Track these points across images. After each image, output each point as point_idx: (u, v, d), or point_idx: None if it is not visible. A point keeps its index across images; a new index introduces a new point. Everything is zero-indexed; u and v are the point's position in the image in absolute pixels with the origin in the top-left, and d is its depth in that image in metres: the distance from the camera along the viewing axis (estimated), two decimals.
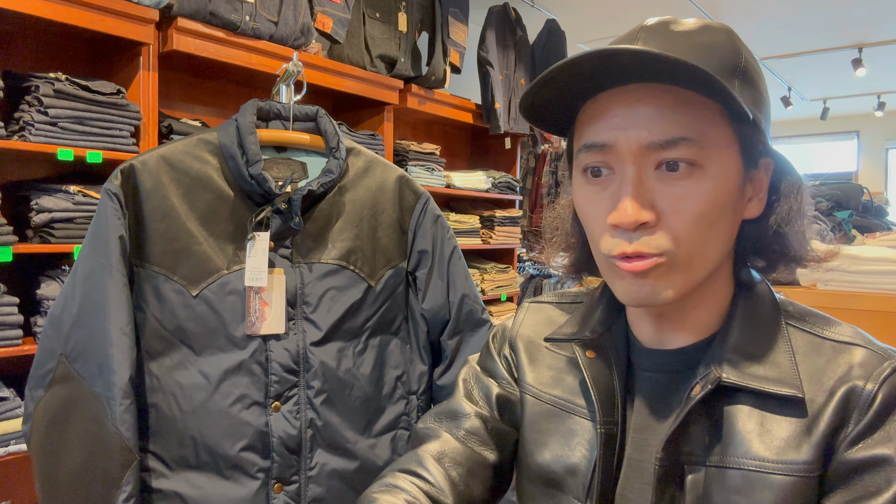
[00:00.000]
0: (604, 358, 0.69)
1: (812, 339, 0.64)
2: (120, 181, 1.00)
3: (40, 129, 1.79)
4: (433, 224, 1.17)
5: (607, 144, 0.60)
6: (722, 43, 0.61)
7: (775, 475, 0.58)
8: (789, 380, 0.60)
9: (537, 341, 0.79)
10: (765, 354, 0.62)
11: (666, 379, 0.67)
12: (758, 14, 4.43)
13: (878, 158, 7.65)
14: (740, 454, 0.59)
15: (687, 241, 0.59)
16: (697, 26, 0.62)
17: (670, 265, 0.60)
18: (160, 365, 1.00)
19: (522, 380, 0.77)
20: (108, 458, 0.95)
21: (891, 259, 1.61)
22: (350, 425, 1.06)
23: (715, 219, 0.60)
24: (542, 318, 0.81)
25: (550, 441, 0.71)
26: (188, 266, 1.01)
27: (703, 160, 0.58)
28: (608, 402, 0.67)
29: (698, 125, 0.58)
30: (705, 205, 0.59)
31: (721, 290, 0.67)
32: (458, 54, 3.26)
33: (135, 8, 1.93)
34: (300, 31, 2.37)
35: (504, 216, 3.55)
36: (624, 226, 0.59)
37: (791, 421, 0.59)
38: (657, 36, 0.61)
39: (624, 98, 0.60)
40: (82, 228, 1.86)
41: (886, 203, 3.53)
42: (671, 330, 0.68)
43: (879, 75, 5.71)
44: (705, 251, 0.61)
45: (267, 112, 1.11)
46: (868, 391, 0.58)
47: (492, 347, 0.83)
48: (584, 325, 0.73)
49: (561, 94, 0.62)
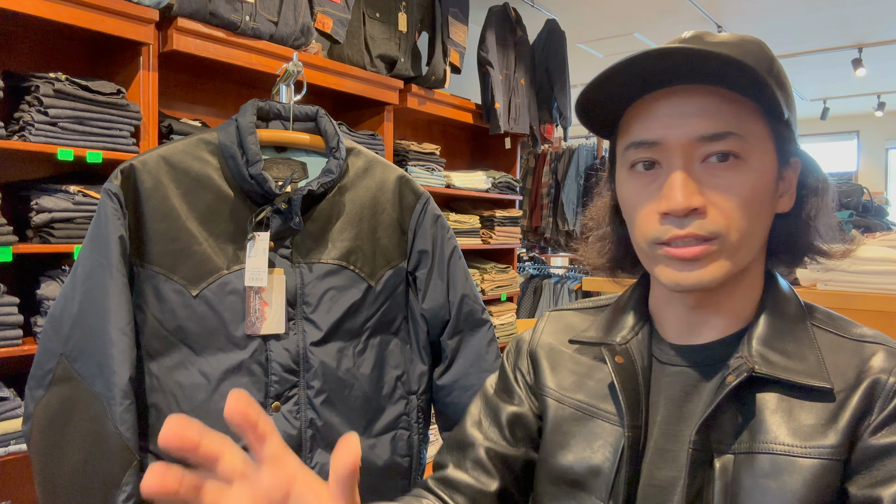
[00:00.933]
0: (631, 364, 0.72)
1: (835, 338, 0.67)
2: (120, 181, 1.00)
3: (40, 129, 1.79)
4: (433, 224, 1.17)
5: (656, 141, 0.64)
6: (756, 51, 0.66)
7: (803, 459, 0.61)
8: (817, 372, 0.64)
9: (559, 347, 0.81)
10: (792, 349, 0.66)
11: (695, 371, 0.70)
12: (758, 14, 4.43)
13: (878, 158, 7.65)
14: (769, 440, 0.62)
15: (736, 226, 0.63)
16: (732, 38, 0.68)
17: (720, 250, 0.64)
18: (160, 365, 1.00)
19: (545, 385, 0.79)
20: (108, 458, 0.95)
21: (891, 259, 1.61)
22: (350, 425, 1.06)
23: (756, 208, 0.64)
24: (562, 325, 0.84)
25: (573, 443, 0.73)
26: (188, 266, 1.01)
27: (746, 153, 0.63)
28: (635, 407, 0.69)
29: (742, 121, 0.63)
30: (750, 193, 0.63)
31: (754, 283, 0.70)
32: (458, 54, 3.26)
33: (135, 8, 1.93)
34: (300, 31, 2.37)
35: (504, 216, 3.55)
36: (675, 212, 0.63)
37: (818, 409, 0.63)
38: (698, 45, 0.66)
39: (671, 98, 0.64)
40: (82, 228, 1.86)
41: (886, 203, 3.53)
42: (702, 322, 0.70)
43: (879, 75, 5.71)
44: (751, 238, 0.65)
45: (267, 112, 1.11)
46: (891, 383, 0.62)
47: (505, 365, 0.85)
48: (611, 331, 0.76)
49: (610, 95, 0.66)
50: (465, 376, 1.16)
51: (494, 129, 3.44)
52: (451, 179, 3.26)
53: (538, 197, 5.07)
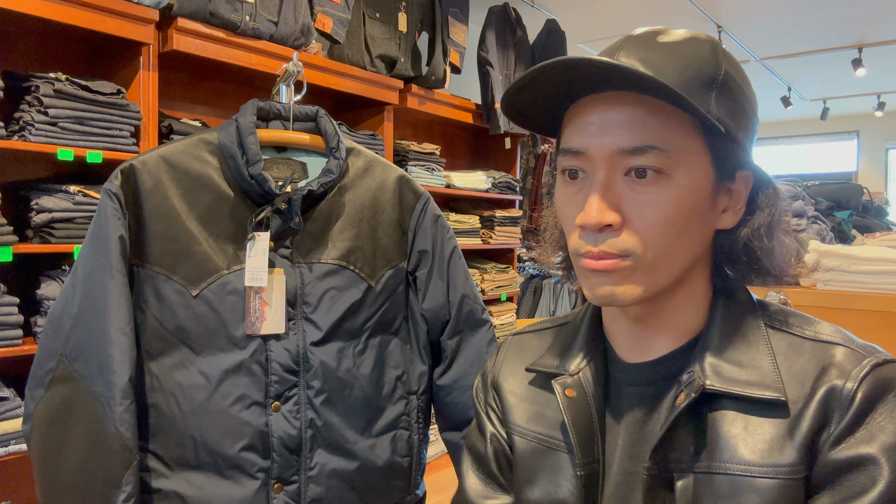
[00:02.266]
0: (583, 395, 0.70)
1: (792, 340, 0.64)
2: (120, 181, 1.00)
3: (40, 129, 1.79)
4: (433, 224, 1.17)
5: (580, 150, 0.62)
6: (703, 55, 0.63)
7: (761, 479, 0.58)
8: (771, 382, 0.61)
9: (518, 378, 0.79)
10: (745, 358, 0.63)
11: (651, 391, 0.67)
12: (758, 14, 4.43)
13: (878, 158, 7.65)
14: (726, 459, 0.60)
15: (652, 245, 0.61)
16: (682, 38, 0.64)
17: (634, 268, 0.62)
18: (160, 365, 1.00)
19: (509, 421, 0.78)
20: (107, 458, 0.95)
21: (891, 259, 1.61)
22: (350, 425, 1.06)
23: (681, 227, 0.61)
24: (521, 350, 0.82)
25: (538, 477, 0.72)
26: (188, 266, 1.01)
27: (670, 169, 0.60)
28: (588, 442, 0.68)
29: (668, 134, 0.60)
30: (670, 212, 0.60)
31: (699, 295, 0.68)
32: (458, 54, 3.26)
33: (135, 8, 1.93)
34: (300, 31, 2.37)
35: (504, 216, 3.55)
36: (589, 227, 0.61)
37: (774, 423, 0.60)
38: (640, 46, 0.63)
39: (598, 105, 0.62)
40: (82, 228, 1.86)
41: (886, 203, 3.54)
42: (650, 336, 0.68)
43: (879, 75, 5.70)
44: (671, 257, 0.62)
45: (267, 112, 1.11)
46: (848, 390, 0.58)
47: (477, 405, 0.84)
48: (565, 357, 0.74)
49: (541, 97, 0.64)
50: (465, 376, 1.16)
51: (494, 129, 3.44)
52: (451, 179, 3.26)
53: (538, 197, 5.07)
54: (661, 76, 0.58)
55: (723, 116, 0.61)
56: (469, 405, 1.15)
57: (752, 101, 0.66)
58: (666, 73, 0.60)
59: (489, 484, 0.79)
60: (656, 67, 0.60)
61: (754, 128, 0.66)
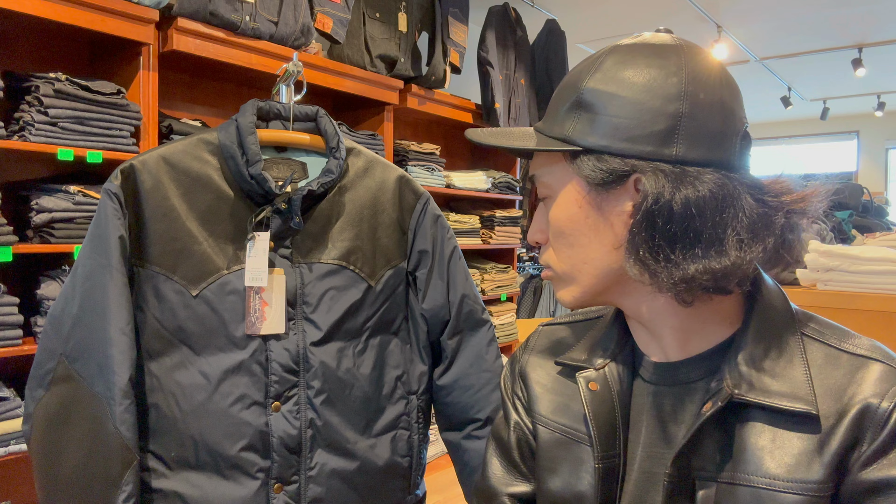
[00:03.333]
0: (607, 390, 0.70)
1: (829, 352, 0.62)
2: (120, 181, 1.00)
3: (40, 129, 1.79)
4: (433, 224, 1.17)
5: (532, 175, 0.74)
6: (576, 72, 0.68)
7: (786, 493, 0.57)
8: (803, 395, 0.59)
9: (546, 368, 0.80)
10: (778, 367, 0.62)
11: (677, 391, 0.67)
12: (758, 14, 4.43)
13: (878, 158, 7.65)
14: (751, 471, 0.59)
15: (559, 258, 0.70)
16: (582, 61, 0.70)
17: (557, 277, 0.71)
18: (160, 365, 1.00)
19: (534, 410, 0.78)
20: (107, 458, 0.95)
21: (891, 259, 1.61)
22: (350, 425, 1.06)
23: (574, 239, 0.68)
24: (552, 341, 0.83)
25: (560, 469, 0.73)
26: (188, 266, 1.01)
27: (550, 192, 0.70)
28: (609, 437, 0.68)
29: (547, 166, 0.70)
30: (556, 227, 0.69)
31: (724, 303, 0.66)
32: (458, 54, 3.26)
33: (135, 8, 1.93)
34: (300, 31, 2.37)
35: (504, 216, 3.55)
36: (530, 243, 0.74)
37: (803, 437, 0.58)
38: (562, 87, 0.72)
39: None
40: (82, 228, 1.86)
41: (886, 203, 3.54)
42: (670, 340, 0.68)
43: (879, 75, 5.70)
44: (583, 263, 0.68)
45: (267, 112, 1.11)
46: (883, 409, 0.57)
47: (504, 393, 0.85)
48: (592, 351, 0.75)
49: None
50: (465, 376, 1.16)
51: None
52: (451, 179, 3.26)
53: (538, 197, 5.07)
54: (543, 123, 0.71)
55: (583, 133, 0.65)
56: (469, 405, 1.15)
57: (625, 96, 0.62)
58: (547, 117, 0.71)
59: (511, 471, 0.80)
60: (546, 115, 0.72)
61: (633, 129, 0.62)
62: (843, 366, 0.61)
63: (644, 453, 0.67)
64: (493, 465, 0.81)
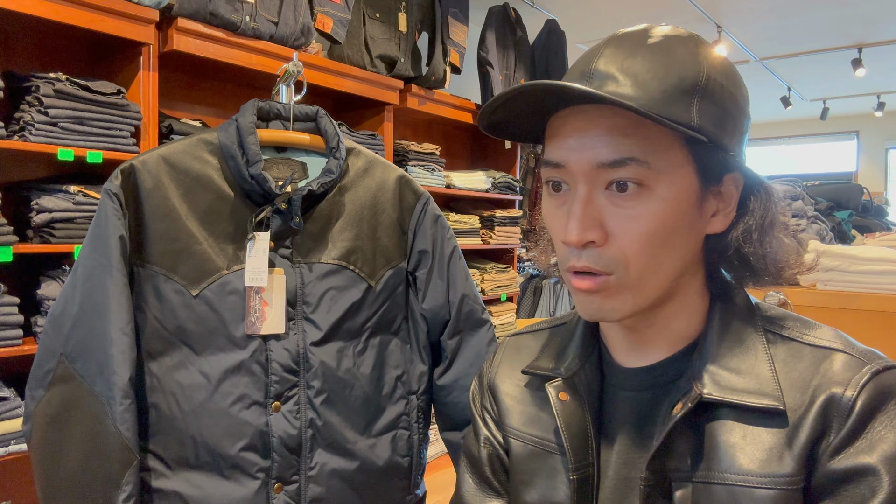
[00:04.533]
0: (577, 398, 0.69)
1: (791, 345, 0.63)
2: (120, 181, 1.00)
3: (40, 129, 1.79)
4: (433, 224, 1.17)
5: (561, 164, 0.62)
6: (684, 60, 0.61)
7: (760, 489, 0.57)
8: (769, 391, 0.60)
9: (514, 379, 0.79)
10: (744, 365, 0.62)
11: (648, 396, 0.67)
12: (758, 14, 4.43)
13: (878, 158, 7.65)
14: (725, 469, 0.59)
15: (635, 260, 0.60)
16: (663, 40, 0.62)
17: (619, 284, 0.61)
18: (160, 365, 1.01)
19: (505, 424, 0.77)
20: (108, 458, 0.95)
21: (891, 259, 1.61)
22: (350, 425, 1.06)
23: (666, 238, 0.60)
24: (517, 351, 0.82)
25: (535, 480, 0.72)
26: (188, 266, 1.01)
27: (651, 181, 0.59)
28: (582, 446, 0.67)
29: (648, 146, 0.59)
30: (653, 225, 0.60)
31: (694, 302, 0.67)
32: (458, 54, 3.26)
33: (135, 8, 1.93)
34: (300, 32, 2.37)
35: (504, 216, 3.55)
36: (571, 245, 0.61)
37: (773, 432, 0.59)
38: (620, 52, 0.62)
39: (578, 118, 0.61)
40: (82, 228, 1.86)
41: (886, 203, 3.54)
42: (646, 343, 0.68)
43: (879, 75, 5.70)
44: (656, 270, 0.61)
45: (267, 112, 1.11)
46: (847, 398, 0.57)
47: (473, 408, 0.84)
48: (559, 359, 0.73)
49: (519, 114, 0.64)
50: (465, 376, 1.16)
51: None
52: (451, 179, 3.26)
53: (538, 197, 5.07)
54: (641, 89, 0.59)
55: (705, 124, 0.60)
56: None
57: (740, 101, 0.64)
58: (645, 83, 0.59)
59: (483, 488, 0.79)
60: (635, 77, 0.59)
61: (743, 128, 0.65)
62: (807, 358, 0.61)
63: (619, 459, 0.67)
64: (466, 481, 0.80)
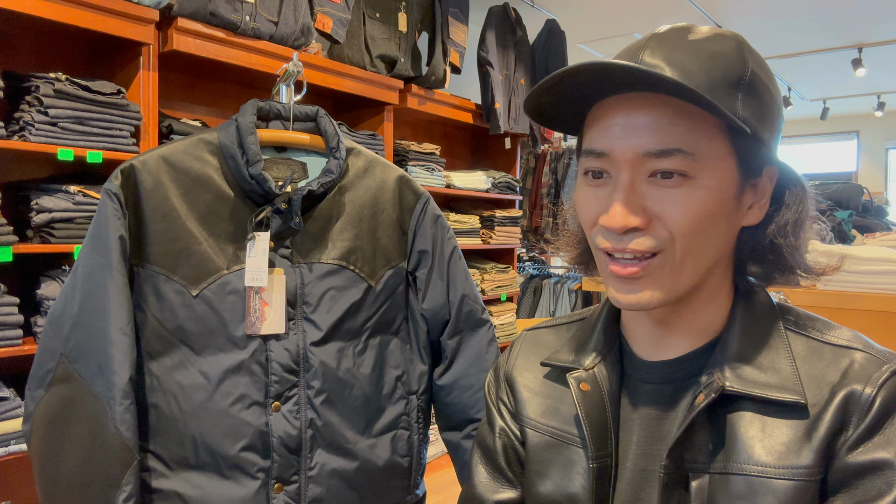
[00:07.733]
0: (598, 389, 0.70)
1: (811, 344, 0.65)
2: (120, 181, 1.00)
3: (40, 129, 1.79)
4: (433, 224, 1.17)
5: (605, 152, 0.62)
6: (729, 54, 0.62)
7: (777, 480, 0.59)
8: (790, 385, 0.61)
9: (533, 371, 0.80)
10: (765, 360, 0.64)
11: (668, 389, 0.68)
12: (758, 14, 4.43)
13: (878, 158, 7.65)
14: (743, 460, 0.60)
15: (682, 240, 0.61)
16: (708, 36, 0.63)
17: (662, 265, 0.62)
18: (160, 365, 1.01)
19: (522, 414, 0.78)
20: (108, 458, 0.95)
21: (891, 259, 1.61)
22: (350, 425, 1.06)
23: (706, 227, 0.61)
24: (536, 345, 0.83)
25: (551, 471, 0.73)
26: (188, 266, 1.01)
27: (695, 171, 0.60)
28: (601, 436, 0.68)
29: (694, 137, 0.60)
30: (698, 213, 0.60)
31: (720, 296, 0.68)
32: (458, 54, 3.26)
33: (135, 8, 1.93)
34: (300, 32, 2.37)
35: (504, 216, 3.55)
36: (613, 230, 0.61)
37: (792, 425, 0.60)
38: (665, 45, 0.62)
39: (624, 107, 0.62)
40: (82, 228, 1.86)
41: (886, 203, 3.53)
42: (670, 336, 0.69)
43: (879, 75, 5.70)
44: (698, 255, 0.62)
45: (267, 112, 1.11)
46: (867, 395, 0.59)
47: (488, 400, 0.85)
48: (580, 352, 0.74)
49: (565, 98, 0.64)
50: (465, 376, 1.16)
51: (494, 129, 3.44)
52: (451, 179, 3.26)
53: (538, 197, 5.07)
54: (688, 78, 0.59)
55: (749, 117, 0.61)
56: (469, 405, 1.15)
57: (778, 98, 0.66)
58: (692, 75, 0.60)
59: (497, 478, 0.79)
60: (682, 68, 0.60)
61: (780, 125, 0.66)
62: (827, 356, 0.63)
63: (638, 451, 0.68)
64: (479, 472, 0.81)
